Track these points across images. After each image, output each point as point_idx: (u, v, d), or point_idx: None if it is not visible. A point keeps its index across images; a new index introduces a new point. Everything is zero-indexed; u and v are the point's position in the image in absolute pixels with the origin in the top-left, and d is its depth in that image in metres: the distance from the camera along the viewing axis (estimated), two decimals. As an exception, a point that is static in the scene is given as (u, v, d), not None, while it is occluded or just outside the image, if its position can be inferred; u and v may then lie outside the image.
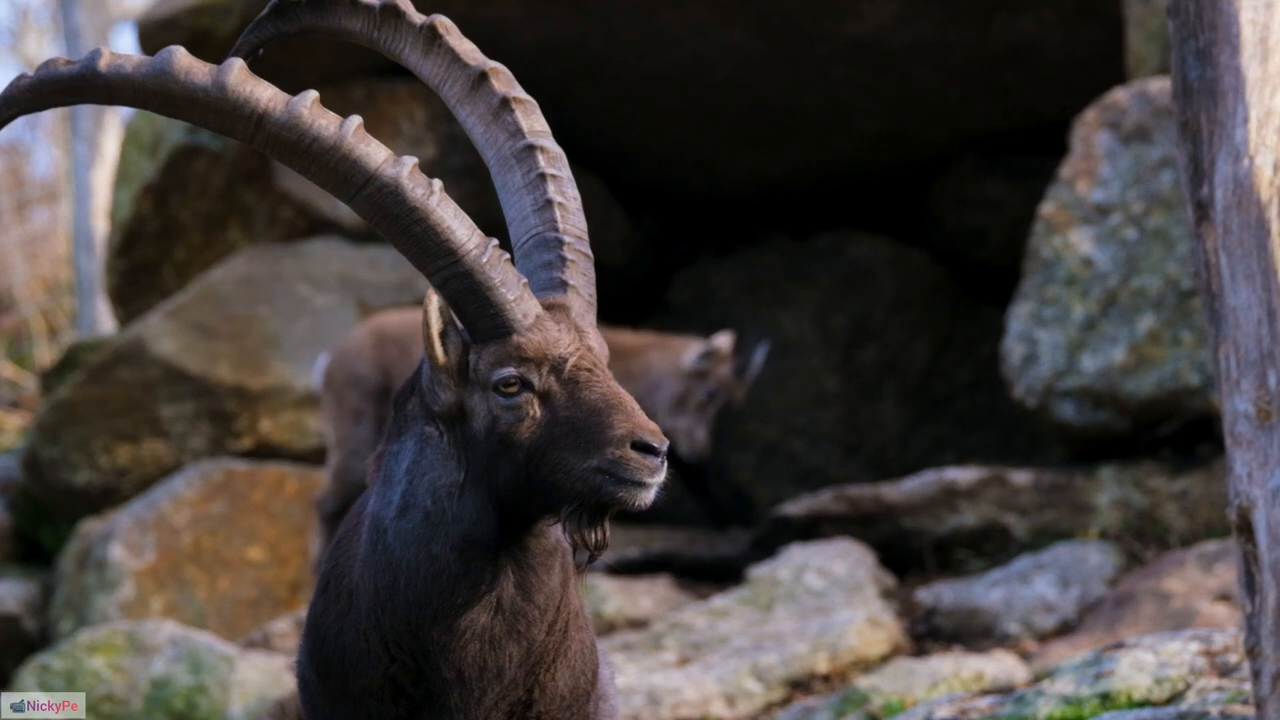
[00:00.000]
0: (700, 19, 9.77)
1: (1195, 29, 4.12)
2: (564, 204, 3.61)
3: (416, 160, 3.44)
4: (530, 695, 3.55)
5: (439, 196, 3.42)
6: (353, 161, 3.39)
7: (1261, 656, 3.88)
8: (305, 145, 3.38)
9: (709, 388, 9.10)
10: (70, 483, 9.65)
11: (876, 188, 11.24)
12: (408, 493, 3.50)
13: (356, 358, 8.75)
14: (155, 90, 3.38)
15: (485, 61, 3.73)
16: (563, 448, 3.38)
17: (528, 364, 3.42)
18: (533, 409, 3.42)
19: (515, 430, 3.42)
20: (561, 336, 3.44)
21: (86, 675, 7.79)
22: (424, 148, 9.91)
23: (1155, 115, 8.42)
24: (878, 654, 7.53)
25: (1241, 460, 3.94)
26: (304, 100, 3.39)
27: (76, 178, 15.66)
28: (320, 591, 3.66)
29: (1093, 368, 8.43)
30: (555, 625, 3.55)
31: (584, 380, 3.42)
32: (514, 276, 3.44)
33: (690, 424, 9.08)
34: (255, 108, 3.37)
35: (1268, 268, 3.95)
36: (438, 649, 3.47)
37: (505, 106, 3.68)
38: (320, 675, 3.62)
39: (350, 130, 3.39)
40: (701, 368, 9.10)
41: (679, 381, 9.11)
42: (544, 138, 3.66)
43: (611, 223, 10.93)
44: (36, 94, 3.42)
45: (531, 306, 3.45)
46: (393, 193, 3.40)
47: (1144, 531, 8.21)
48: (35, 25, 21.74)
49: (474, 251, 3.40)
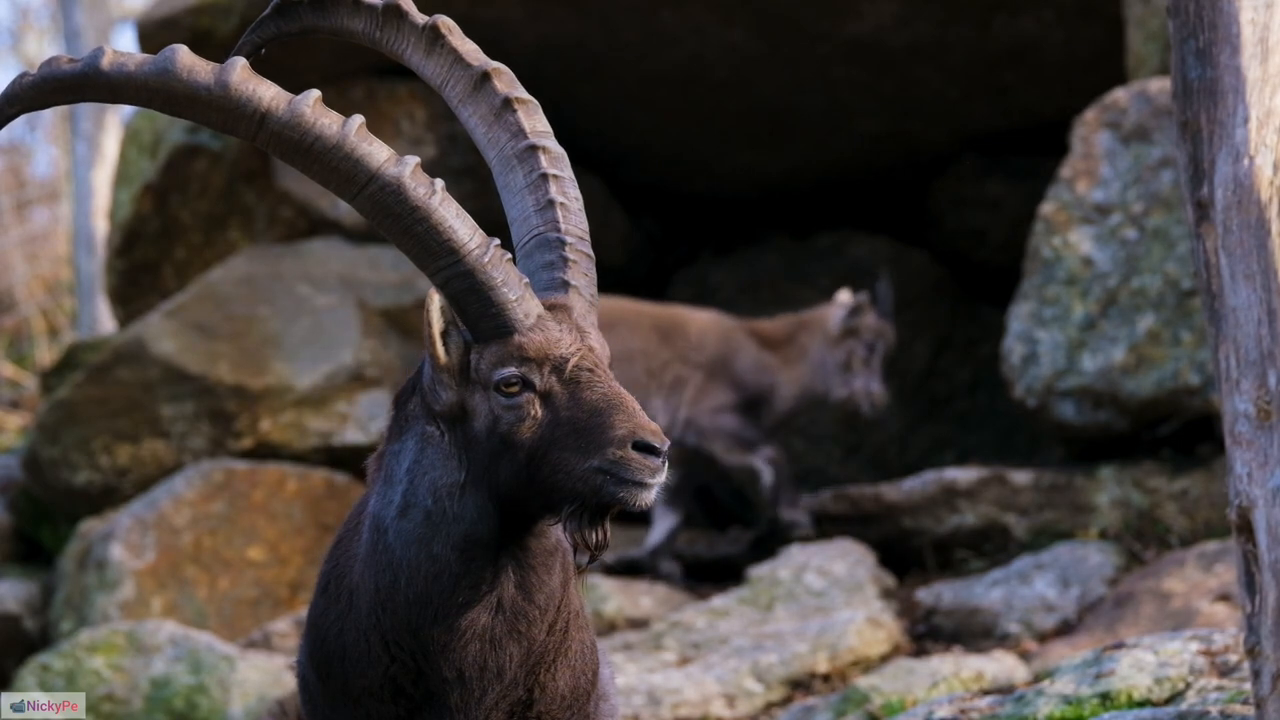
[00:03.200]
0: (700, 19, 9.77)
1: (1195, 29, 4.12)
2: (566, 204, 3.61)
3: (419, 160, 3.44)
4: (531, 695, 3.55)
5: (441, 196, 3.42)
6: (355, 160, 3.39)
7: (1261, 656, 3.89)
8: (308, 144, 3.38)
9: (866, 341, 9.05)
10: (70, 483, 9.65)
11: (876, 188, 11.24)
12: (408, 492, 3.50)
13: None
14: (158, 89, 3.38)
15: (487, 62, 3.73)
16: (564, 448, 3.39)
17: (529, 364, 3.42)
18: (534, 409, 3.42)
19: (516, 430, 3.42)
20: (563, 337, 3.44)
21: (86, 675, 7.79)
22: (424, 148, 9.90)
23: (1155, 115, 8.42)
24: (878, 654, 7.53)
25: (1241, 460, 3.94)
26: (306, 99, 3.39)
27: (76, 178, 15.66)
28: (320, 591, 3.66)
29: (1093, 368, 8.43)
30: (556, 625, 3.55)
31: (585, 380, 3.42)
32: (516, 276, 3.44)
33: (864, 383, 9.02)
34: (258, 106, 3.37)
35: (1268, 268, 3.96)
36: (438, 649, 3.47)
37: (507, 107, 3.68)
38: (320, 675, 3.62)
39: (353, 129, 3.39)
40: (851, 325, 9.05)
41: (836, 348, 9.06)
42: (546, 138, 3.66)
43: (611, 223, 10.93)
44: (39, 92, 3.42)
45: (533, 306, 3.45)
46: (395, 192, 3.40)
47: (1144, 531, 8.21)
48: (35, 25, 21.74)
49: (475, 251, 3.40)
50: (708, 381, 8.95)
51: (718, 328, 9.17)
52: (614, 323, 8.81)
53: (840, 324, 9.10)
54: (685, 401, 8.92)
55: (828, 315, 9.18)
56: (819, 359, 9.09)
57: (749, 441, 8.88)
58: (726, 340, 9.11)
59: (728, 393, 8.93)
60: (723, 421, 8.89)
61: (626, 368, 8.78)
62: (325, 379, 9.55)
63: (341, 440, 9.51)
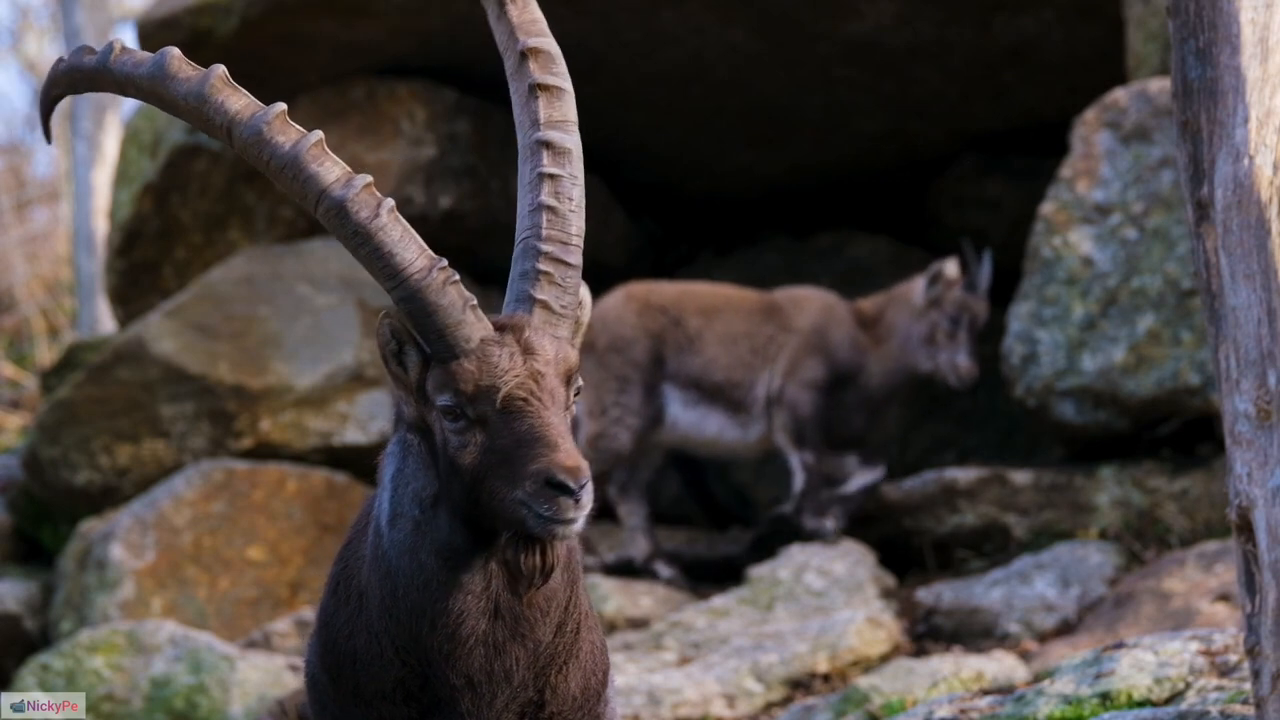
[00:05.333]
0: (700, 19, 9.77)
1: (1195, 29, 4.12)
2: (555, 208, 3.53)
3: (369, 180, 3.41)
4: (542, 696, 3.55)
5: (385, 219, 3.39)
6: (304, 181, 3.40)
7: (1261, 656, 3.89)
8: (265, 160, 3.41)
9: (949, 314, 8.90)
10: (70, 482, 9.65)
11: (876, 188, 11.24)
12: (395, 500, 3.51)
13: (618, 321, 8.84)
14: (150, 91, 3.48)
15: (531, 38, 3.64)
16: (496, 476, 3.36)
17: (464, 391, 3.39)
18: (474, 435, 3.39)
19: (460, 454, 3.40)
20: (500, 363, 3.39)
21: (87, 675, 7.80)
22: (424, 147, 9.89)
23: (1155, 115, 8.42)
24: (878, 653, 7.53)
25: (1241, 460, 3.94)
26: (267, 115, 3.41)
27: (76, 177, 15.66)
28: (330, 592, 3.67)
29: (1093, 367, 8.43)
30: (565, 627, 3.54)
31: (516, 410, 3.37)
32: (459, 300, 3.40)
33: (949, 356, 8.85)
34: (225, 118, 3.42)
35: (1268, 268, 3.96)
36: (441, 656, 3.46)
37: (532, 92, 3.61)
38: (332, 676, 3.62)
39: (305, 149, 3.39)
40: (933, 295, 8.89)
41: (919, 320, 8.93)
42: (557, 130, 3.59)
43: (611, 223, 10.92)
44: (69, 79, 3.57)
45: (475, 331, 3.41)
46: (338, 214, 3.39)
47: (1144, 531, 8.21)
48: (35, 25, 21.74)
49: (417, 276, 3.38)
50: (803, 352, 8.89)
51: (820, 300, 9.13)
52: (720, 307, 8.95)
53: (923, 295, 8.93)
54: (779, 371, 8.87)
55: (913, 288, 9.03)
56: (905, 333, 8.95)
57: (805, 437, 8.82)
58: (827, 312, 9.04)
59: (819, 367, 8.86)
60: (802, 399, 8.82)
61: (733, 348, 8.84)
62: (325, 379, 9.54)
63: (342, 440, 9.51)
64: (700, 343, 8.91)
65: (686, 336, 8.91)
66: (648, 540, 8.86)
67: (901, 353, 8.96)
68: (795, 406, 8.81)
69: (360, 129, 9.84)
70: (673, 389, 8.88)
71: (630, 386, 8.74)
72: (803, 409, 8.82)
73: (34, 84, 21.22)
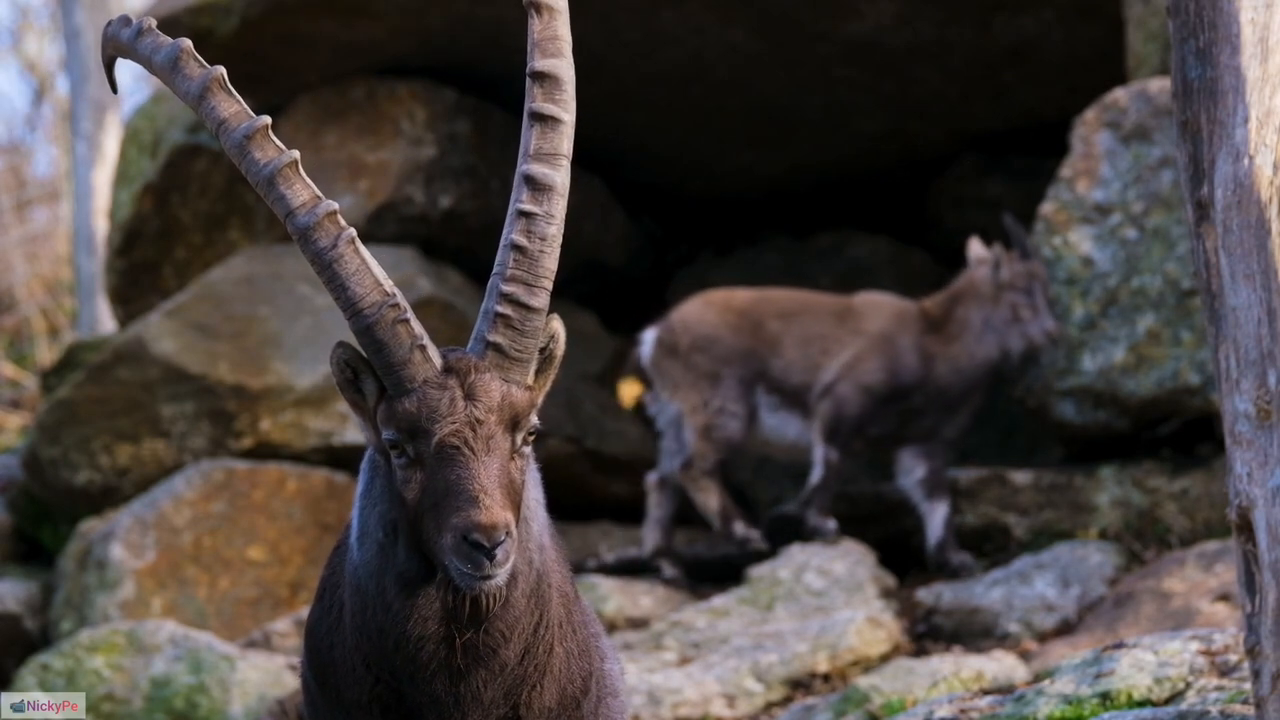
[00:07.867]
0: (700, 19, 9.77)
1: (1195, 29, 4.12)
2: (525, 248, 3.45)
3: (335, 207, 3.42)
4: (516, 712, 3.54)
5: (343, 249, 3.39)
6: (274, 200, 3.45)
7: (1261, 656, 3.88)
8: (245, 171, 3.46)
9: (1021, 287, 8.73)
10: (70, 482, 9.65)
11: (876, 188, 11.24)
12: (362, 520, 3.52)
13: (699, 322, 8.90)
14: (162, 77, 3.60)
15: (542, 60, 3.65)
16: (430, 518, 3.36)
17: (404, 430, 3.38)
18: (416, 473, 3.39)
19: (405, 489, 3.40)
20: (439, 407, 3.37)
21: (87, 675, 7.79)
22: (424, 148, 9.89)
23: (1155, 115, 8.42)
24: (878, 653, 7.53)
25: (1241, 460, 3.94)
26: (250, 128, 3.45)
27: (76, 177, 15.65)
28: (317, 599, 3.69)
29: (1093, 367, 8.43)
30: (534, 649, 3.52)
31: (448, 457, 3.35)
32: (407, 339, 3.39)
33: (1038, 325, 8.65)
34: (215, 123, 3.49)
35: (1268, 267, 3.95)
36: (406, 677, 3.47)
37: (529, 120, 3.57)
38: (318, 682, 3.66)
39: (275, 169, 3.43)
40: (1000, 279, 8.81)
41: (997, 306, 8.81)
42: (543, 165, 3.51)
43: (611, 223, 10.92)
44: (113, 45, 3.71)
45: (420, 371, 3.39)
46: (300, 239, 3.43)
47: (1144, 531, 8.21)
48: (35, 25, 21.73)
49: (367, 311, 3.38)
50: (867, 353, 8.87)
51: (892, 305, 9.09)
52: (797, 311, 8.99)
53: (990, 280, 8.84)
54: (836, 366, 8.85)
55: (975, 279, 8.96)
56: (984, 323, 8.83)
57: (838, 434, 8.78)
58: (898, 318, 9.00)
59: (880, 372, 8.82)
60: (852, 399, 8.79)
61: (806, 350, 8.87)
62: (325, 379, 9.54)
63: (341, 440, 9.50)
64: (780, 346, 8.92)
65: (767, 340, 8.92)
66: (661, 535, 8.88)
67: (987, 345, 8.83)
68: (842, 403, 8.79)
69: (360, 129, 9.83)
70: (761, 392, 8.91)
71: (723, 381, 8.78)
72: (848, 407, 8.78)
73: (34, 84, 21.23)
